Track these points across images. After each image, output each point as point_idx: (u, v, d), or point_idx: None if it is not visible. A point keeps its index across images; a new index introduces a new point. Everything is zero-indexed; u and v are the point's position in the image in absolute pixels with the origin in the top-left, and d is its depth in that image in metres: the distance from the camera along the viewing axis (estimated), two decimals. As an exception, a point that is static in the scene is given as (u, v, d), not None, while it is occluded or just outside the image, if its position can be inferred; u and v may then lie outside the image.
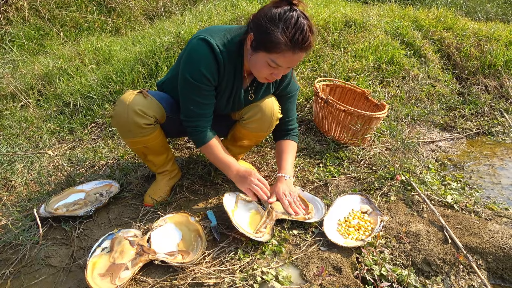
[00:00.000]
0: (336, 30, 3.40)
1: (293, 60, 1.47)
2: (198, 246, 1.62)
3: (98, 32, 4.25)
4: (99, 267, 1.47)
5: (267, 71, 1.52)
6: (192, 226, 1.72)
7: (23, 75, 3.20)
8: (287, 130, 1.94)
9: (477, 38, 3.61)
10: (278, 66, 1.48)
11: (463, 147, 2.69)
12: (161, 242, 1.63)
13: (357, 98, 2.63)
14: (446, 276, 1.56)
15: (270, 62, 1.47)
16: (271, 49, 1.43)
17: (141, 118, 1.65)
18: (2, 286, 1.48)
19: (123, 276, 1.44)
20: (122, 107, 1.62)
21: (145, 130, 1.68)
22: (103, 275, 1.45)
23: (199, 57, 1.53)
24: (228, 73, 1.62)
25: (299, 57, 1.47)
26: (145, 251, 1.55)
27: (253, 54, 1.50)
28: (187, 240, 1.66)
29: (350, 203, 1.87)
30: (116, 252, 1.53)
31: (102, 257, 1.52)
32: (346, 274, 1.48)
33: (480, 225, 1.74)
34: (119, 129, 1.70)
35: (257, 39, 1.46)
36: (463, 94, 3.25)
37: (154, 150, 1.81)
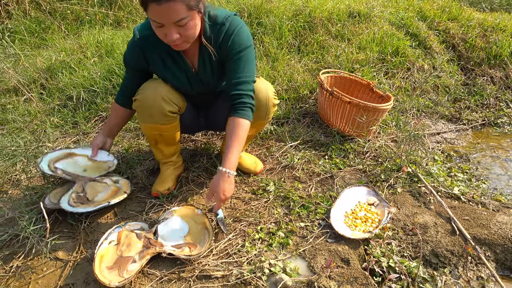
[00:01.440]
0: (340, 21, 3.36)
1: (164, 13, 1.34)
2: (205, 238, 1.62)
3: (99, 25, 4.21)
4: (107, 260, 1.47)
5: (161, 34, 1.44)
6: (199, 218, 1.72)
7: (25, 68, 3.18)
8: (237, 97, 1.61)
9: (483, 29, 3.57)
10: (158, 23, 1.38)
11: (469, 139, 2.67)
12: (168, 235, 1.62)
13: (362, 89, 2.61)
14: (454, 267, 1.56)
15: (152, 21, 1.40)
16: (144, 7, 1.37)
17: (167, 105, 1.67)
18: (10, 279, 1.49)
19: (131, 269, 1.44)
20: (151, 91, 1.65)
21: (167, 118, 1.70)
22: (110, 267, 1.44)
23: (128, 45, 1.68)
24: (160, 53, 1.64)
25: (169, 8, 1.32)
26: (152, 243, 1.54)
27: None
28: (194, 232, 1.65)
29: (356, 195, 1.86)
30: (123, 245, 1.53)
31: (109, 250, 1.52)
32: (354, 266, 1.47)
33: (488, 216, 1.73)
34: (140, 112, 1.70)
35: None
36: (468, 85, 3.23)
37: (167, 140, 1.82)
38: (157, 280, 1.43)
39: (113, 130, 1.94)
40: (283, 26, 3.19)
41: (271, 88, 1.77)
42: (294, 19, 3.28)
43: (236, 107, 1.61)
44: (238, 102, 1.61)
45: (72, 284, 1.45)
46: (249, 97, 1.63)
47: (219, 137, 2.43)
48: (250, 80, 1.64)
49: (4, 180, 2.06)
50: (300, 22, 3.26)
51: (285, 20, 3.23)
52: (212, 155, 2.19)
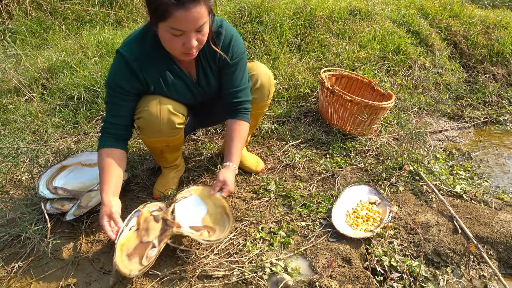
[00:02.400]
0: (341, 19, 3.35)
1: (191, 18, 1.31)
2: (224, 224, 1.56)
3: (100, 24, 4.21)
4: (127, 248, 1.44)
5: (178, 43, 1.38)
6: (218, 201, 1.64)
7: (26, 69, 3.18)
8: (236, 104, 1.71)
9: (484, 26, 3.54)
10: (181, 31, 1.34)
11: (471, 137, 2.66)
12: (185, 214, 1.58)
13: (363, 88, 2.60)
14: (456, 266, 1.55)
15: (171, 30, 1.34)
16: (163, 16, 1.31)
17: (175, 117, 1.64)
18: (11, 279, 1.49)
19: (151, 255, 1.42)
20: (155, 106, 1.59)
21: (176, 130, 1.68)
22: (130, 255, 1.42)
23: (114, 69, 1.53)
24: (158, 72, 1.56)
25: (196, 12, 1.30)
26: (169, 224, 1.51)
27: (157, 32, 1.40)
28: (213, 215, 1.61)
29: (358, 194, 1.85)
30: (142, 230, 1.51)
31: (129, 237, 1.48)
32: (356, 265, 1.47)
33: (490, 214, 1.72)
34: (146, 129, 1.64)
35: (151, 14, 1.36)
36: (470, 83, 3.21)
37: (172, 149, 1.81)
38: (158, 280, 1.43)
39: (118, 186, 1.56)
40: (284, 24, 3.18)
41: (269, 70, 1.84)
42: (295, 18, 3.26)
43: (238, 111, 1.72)
44: (240, 108, 1.72)
45: (73, 284, 1.45)
46: (248, 103, 1.74)
47: (219, 136, 2.43)
48: (248, 86, 1.73)
49: (5, 181, 2.07)
50: (301, 20, 3.24)
51: (286, 19, 3.22)
52: (213, 154, 2.18)
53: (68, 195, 1.81)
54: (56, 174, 1.90)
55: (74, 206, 1.75)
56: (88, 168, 1.96)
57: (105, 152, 1.56)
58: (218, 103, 1.79)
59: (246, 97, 1.73)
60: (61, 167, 1.94)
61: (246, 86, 1.72)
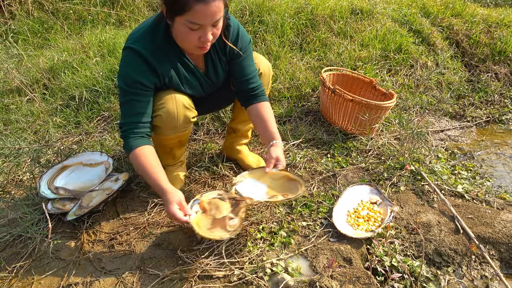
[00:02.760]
0: (342, 18, 3.34)
1: (210, 12, 1.33)
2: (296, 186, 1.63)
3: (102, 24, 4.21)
4: (203, 225, 1.47)
5: (194, 37, 1.40)
6: (276, 175, 1.69)
7: (28, 69, 3.19)
8: (253, 90, 1.75)
9: (487, 25, 3.53)
10: (199, 25, 1.36)
11: (473, 136, 2.65)
12: (248, 193, 1.62)
13: (364, 87, 2.59)
14: (458, 266, 1.55)
15: (189, 24, 1.35)
16: (182, 10, 1.32)
17: (190, 112, 1.66)
18: (13, 279, 1.49)
19: (233, 223, 1.47)
20: (172, 102, 1.59)
21: (189, 124, 1.70)
22: (210, 228, 1.46)
23: (128, 65, 1.49)
24: (171, 66, 1.57)
25: (215, 6, 1.32)
26: (240, 199, 1.56)
27: (172, 26, 1.42)
28: (276, 187, 1.66)
29: (359, 193, 1.85)
30: (212, 210, 1.54)
31: (199, 218, 1.51)
32: (357, 265, 1.47)
33: (492, 214, 1.71)
34: (164, 127, 1.63)
35: (167, 8, 1.37)
36: (472, 82, 3.19)
37: (182, 142, 1.82)
38: (158, 280, 1.43)
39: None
40: (285, 24, 3.17)
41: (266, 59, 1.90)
42: (296, 17, 3.26)
43: (256, 96, 1.76)
44: (257, 92, 1.76)
45: (74, 284, 1.45)
46: (262, 86, 1.79)
47: (220, 136, 2.42)
48: (257, 72, 1.79)
49: (7, 181, 2.07)
50: (302, 20, 3.24)
51: (287, 18, 3.22)
52: (213, 154, 2.18)
53: (69, 195, 1.81)
54: (57, 174, 1.90)
55: (75, 206, 1.75)
56: (89, 168, 1.96)
57: (140, 152, 1.51)
58: (216, 92, 1.82)
59: (258, 82, 1.78)
60: (62, 167, 1.94)
61: (256, 72, 1.77)
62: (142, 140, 1.54)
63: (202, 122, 2.50)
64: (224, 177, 2.03)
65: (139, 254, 1.56)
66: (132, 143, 1.52)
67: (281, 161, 1.63)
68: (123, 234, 1.67)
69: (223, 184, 1.97)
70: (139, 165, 1.51)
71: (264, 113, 1.74)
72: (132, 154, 1.51)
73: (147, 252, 1.57)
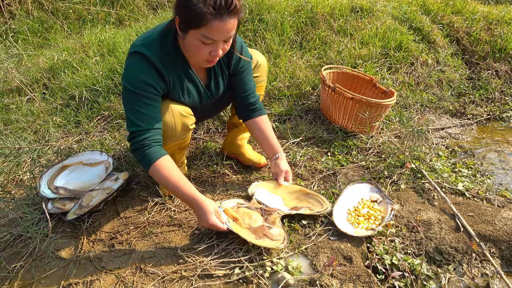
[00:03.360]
0: (342, 16, 3.33)
1: (225, 29, 1.36)
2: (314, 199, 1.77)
3: (101, 24, 4.21)
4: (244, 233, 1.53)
5: (205, 51, 1.42)
6: (291, 188, 1.82)
7: (28, 68, 3.19)
8: (253, 104, 1.84)
9: (487, 22, 3.52)
10: (213, 40, 1.38)
11: (473, 134, 2.64)
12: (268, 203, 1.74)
13: (364, 85, 2.58)
14: (458, 264, 1.54)
15: (202, 38, 1.37)
16: (197, 24, 1.33)
17: (188, 120, 1.67)
18: (13, 279, 1.49)
19: (275, 233, 1.56)
20: (168, 113, 1.58)
21: (189, 131, 1.71)
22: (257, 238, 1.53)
23: (137, 70, 1.46)
24: (176, 75, 1.57)
25: (230, 24, 1.36)
26: (269, 210, 1.67)
27: (184, 37, 1.42)
28: (291, 199, 1.77)
29: (359, 192, 1.84)
30: (245, 219, 1.61)
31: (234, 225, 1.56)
32: (357, 263, 1.46)
33: (493, 212, 1.71)
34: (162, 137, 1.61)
35: (182, 19, 1.37)
36: (473, 80, 3.19)
37: (183, 148, 1.82)
38: (159, 279, 1.43)
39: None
40: (285, 22, 3.17)
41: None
42: (296, 15, 3.25)
43: (254, 110, 1.85)
44: (256, 107, 1.86)
45: (75, 284, 1.45)
46: (259, 100, 1.89)
47: (220, 135, 2.42)
48: (255, 87, 1.88)
49: (7, 180, 2.07)
50: (302, 18, 3.23)
51: (287, 16, 3.21)
52: (213, 153, 2.18)
53: (69, 194, 1.81)
54: (57, 174, 1.90)
55: (75, 205, 1.75)
56: (89, 167, 1.96)
57: (162, 164, 1.48)
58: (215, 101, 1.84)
59: (257, 97, 1.87)
60: (62, 166, 1.94)
61: (255, 87, 1.87)
62: (161, 150, 1.52)
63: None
64: (224, 176, 2.03)
65: (139, 253, 1.56)
66: (153, 154, 1.48)
67: (290, 173, 1.83)
68: (123, 234, 1.67)
69: (223, 183, 1.97)
70: (164, 178, 1.49)
71: (264, 127, 1.85)
72: (154, 167, 1.48)
73: (147, 251, 1.57)
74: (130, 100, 1.49)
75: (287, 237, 1.55)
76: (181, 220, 1.72)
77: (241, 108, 1.88)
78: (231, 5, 1.33)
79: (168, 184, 1.50)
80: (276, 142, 1.86)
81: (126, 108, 1.52)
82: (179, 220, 1.73)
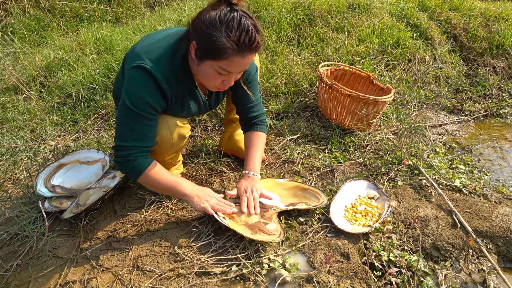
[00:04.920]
0: (339, 13, 3.33)
1: (243, 64, 1.39)
2: (311, 195, 1.77)
3: (98, 22, 4.20)
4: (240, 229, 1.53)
5: (218, 80, 1.43)
6: (286, 185, 1.83)
7: (24, 67, 3.18)
8: (253, 118, 1.81)
9: (485, 18, 3.52)
10: (229, 72, 1.40)
11: (471, 130, 2.64)
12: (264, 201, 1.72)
13: (362, 82, 2.58)
14: (455, 260, 1.55)
15: (219, 69, 1.38)
16: (218, 56, 1.33)
17: (185, 129, 1.69)
18: (10, 277, 1.49)
19: (272, 228, 1.56)
20: (163, 126, 1.58)
21: (185, 139, 1.73)
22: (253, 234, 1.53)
23: (141, 88, 1.42)
24: (179, 93, 1.55)
25: (249, 59, 1.38)
26: (265, 207, 1.68)
27: (199, 64, 1.40)
28: (288, 196, 1.77)
29: (356, 189, 1.84)
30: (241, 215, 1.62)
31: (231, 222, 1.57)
32: (354, 260, 1.46)
33: (490, 208, 1.71)
34: (158, 150, 1.64)
35: (200, 48, 1.36)
36: (470, 76, 3.19)
37: (178, 151, 1.82)
38: (156, 277, 1.43)
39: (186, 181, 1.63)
40: (282, 19, 3.16)
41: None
42: (293, 12, 3.25)
43: (256, 124, 1.82)
44: (259, 121, 1.82)
45: (72, 282, 1.45)
46: (264, 115, 1.85)
47: (218, 132, 2.42)
48: (261, 100, 1.84)
49: (4, 179, 2.07)
50: (299, 15, 3.22)
51: (284, 13, 3.20)
52: (211, 151, 2.18)
53: (66, 193, 1.81)
54: (54, 173, 1.90)
55: (72, 204, 1.75)
56: (86, 165, 1.96)
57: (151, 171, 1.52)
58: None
59: (261, 111, 1.83)
60: (59, 165, 1.94)
61: (260, 101, 1.82)
62: (145, 160, 1.52)
63: (200, 119, 2.49)
64: (222, 174, 2.02)
65: (136, 251, 1.56)
66: (138, 167, 1.50)
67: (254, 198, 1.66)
68: (120, 232, 1.67)
69: (221, 180, 1.97)
70: (159, 182, 1.54)
71: (251, 143, 1.79)
72: (144, 176, 1.51)
73: (145, 249, 1.56)
74: (126, 117, 1.46)
75: (283, 231, 1.56)
76: (178, 218, 1.72)
77: (242, 120, 1.85)
78: (254, 43, 1.34)
79: (159, 190, 1.65)
80: (255, 161, 1.75)
81: (120, 120, 1.49)
82: (176, 218, 1.73)
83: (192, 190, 1.58)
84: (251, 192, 1.67)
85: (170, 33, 1.53)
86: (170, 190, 1.58)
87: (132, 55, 1.48)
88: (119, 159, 1.50)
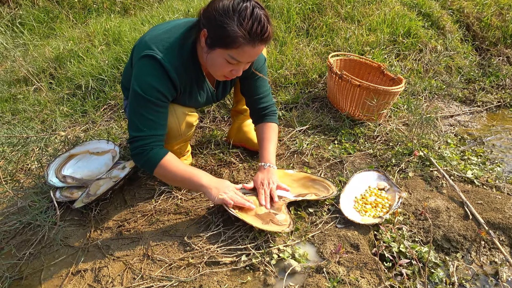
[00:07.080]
0: (349, 2, 3.28)
1: (253, 54, 1.38)
2: (320, 185, 1.77)
3: (106, 13, 4.20)
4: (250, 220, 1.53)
5: (227, 69, 1.43)
6: (296, 176, 1.83)
7: (34, 58, 3.20)
8: (263, 109, 1.80)
9: (498, 7, 3.43)
10: (239, 62, 1.39)
11: (483, 121, 2.60)
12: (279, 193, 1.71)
13: (372, 72, 2.55)
14: (466, 252, 1.53)
15: (229, 58, 1.37)
16: (229, 45, 1.33)
17: (193, 118, 1.69)
18: (23, 266, 1.52)
19: (281, 218, 1.56)
20: (172, 117, 1.59)
21: (192, 127, 1.73)
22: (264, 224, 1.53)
23: (151, 76, 1.43)
24: (187, 83, 1.56)
25: (259, 50, 1.38)
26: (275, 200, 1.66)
27: (209, 52, 1.40)
28: (297, 186, 1.76)
29: (366, 180, 1.83)
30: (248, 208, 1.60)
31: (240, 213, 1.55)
32: (364, 251, 1.46)
33: (503, 200, 1.69)
34: (169, 139, 1.65)
35: (212, 36, 1.35)
36: (483, 66, 3.12)
37: (187, 140, 1.82)
38: (166, 267, 1.44)
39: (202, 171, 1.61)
40: (291, 9, 3.12)
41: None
42: (303, 2, 3.20)
43: (267, 115, 1.81)
44: (269, 112, 1.81)
45: (83, 271, 1.47)
46: (274, 106, 1.84)
47: (227, 123, 2.41)
48: (270, 91, 1.83)
49: (16, 169, 2.09)
50: (309, 5, 3.18)
51: (293, 3, 3.16)
52: (220, 141, 2.17)
53: (77, 183, 1.83)
54: (64, 163, 1.91)
55: (83, 194, 1.76)
56: (96, 156, 1.97)
57: (166, 163, 1.49)
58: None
59: (271, 102, 1.82)
60: (69, 155, 1.95)
61: (269, 92, 1.81)
62: (161, 151, 1.51)
63: (208, 109, 2.49)
64: (231, 164, 2.02)
65: (146, 241, 1.57)
66: (154, 158, 1.48)
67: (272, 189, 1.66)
68: (130, 221, 1.68)
69: (230, 171, 1.97)
70: (175, 173, 1.51)
71: (264, 135, 1.78)
72: (158, 169, 1.49)
73: (155, 239, 1.58)
74: (138, 105, 1.46)
75: (292, 222, 1.55)
76: (187, 208, 1.73)
77: (252, 112, 1.84)
78: (265, 33, 1.33)
79: (175, 182, 1.63)
80: (270, 152, 1.74)
81: (132, 111, 1.49)
82: (186, 208, 1.73)
83: (209, 182, 1.55)
84: (267, 185, 1.66)
85: (180, 23, 1.53)
86: (186, 181, 1.53)
87: (141, 45, 1.48)
88: (135, 150, 1.49)
